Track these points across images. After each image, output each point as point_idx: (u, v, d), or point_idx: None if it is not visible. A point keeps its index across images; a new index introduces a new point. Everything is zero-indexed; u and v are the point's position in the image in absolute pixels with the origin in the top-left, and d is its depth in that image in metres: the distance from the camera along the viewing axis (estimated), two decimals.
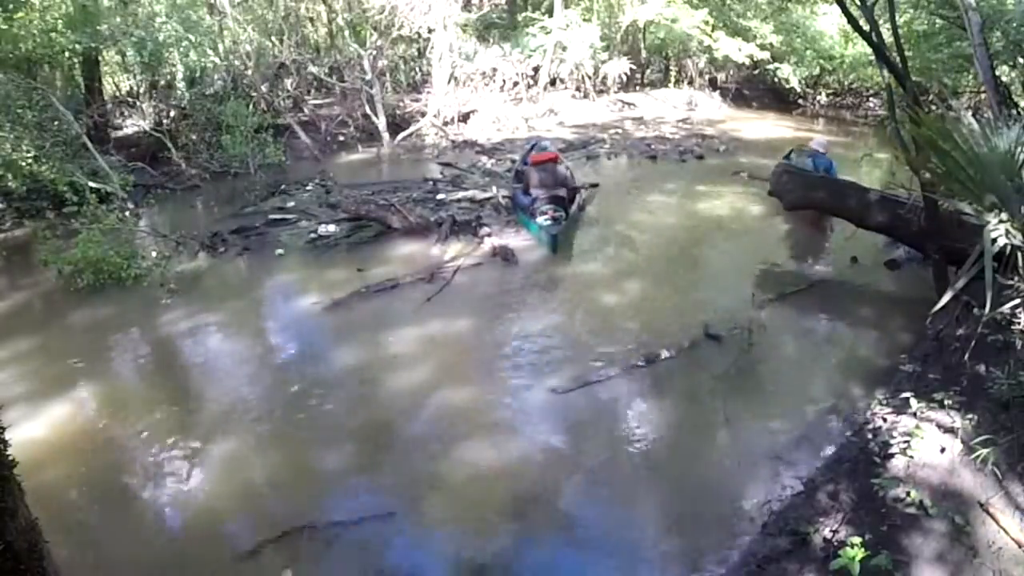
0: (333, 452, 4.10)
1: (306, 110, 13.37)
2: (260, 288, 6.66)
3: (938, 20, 10.62)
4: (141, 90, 11.67)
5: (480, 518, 3.54)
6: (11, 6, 8.13)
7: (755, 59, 16.12)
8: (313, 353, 5.29)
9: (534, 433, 4.25)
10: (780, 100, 17.81)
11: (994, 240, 3.62)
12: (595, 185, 9.61)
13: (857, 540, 2.79)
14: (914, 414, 3.72)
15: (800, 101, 17.95)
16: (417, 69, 16.01)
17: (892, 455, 3.45)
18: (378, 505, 3.65)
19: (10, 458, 1.80)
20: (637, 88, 18.08)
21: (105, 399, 4.71)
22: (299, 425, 4.34)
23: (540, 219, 7.32)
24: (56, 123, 9.08)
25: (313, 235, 7.78)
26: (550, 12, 15.44)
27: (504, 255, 7.02)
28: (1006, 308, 3.76)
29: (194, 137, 11.00)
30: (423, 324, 5.63)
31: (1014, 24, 8.30)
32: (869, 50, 7.34)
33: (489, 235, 7.53)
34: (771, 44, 16.25)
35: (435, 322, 5.66)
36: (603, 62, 16.44)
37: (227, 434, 4.25)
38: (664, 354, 5.02)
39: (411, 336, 5.44)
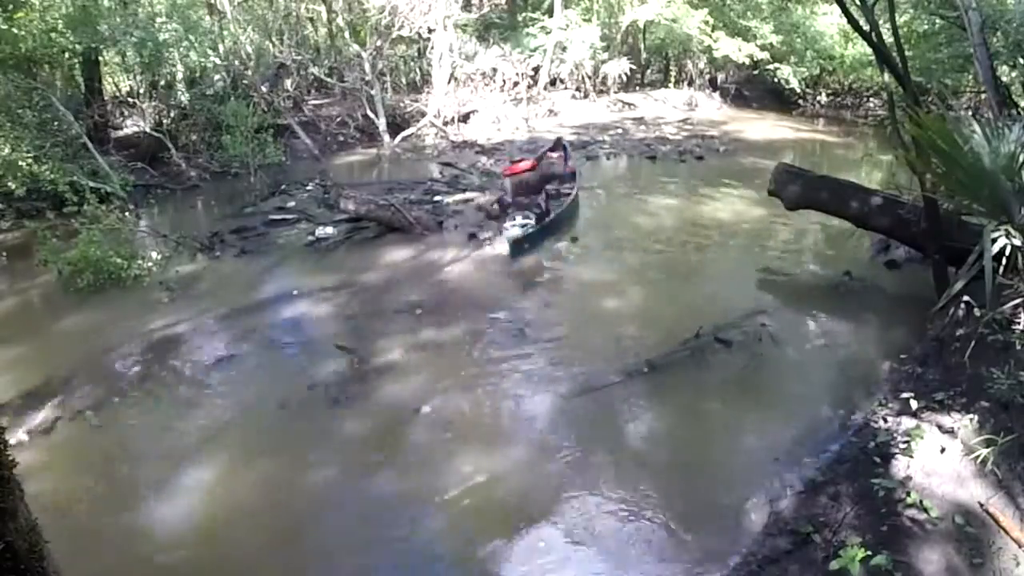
0: (331, 460, 4.06)
1: (306, 110, 13.37)
2: (259, 290, 6.63)
3: (938, 20, 10.62)
4: (141, 90, 11.65)
5: (481, 519, 3.54)
6: (11, 6, 8.12)
7: (755, 59, 16.14)
8: (311, 357, 5.26)
9: (535, 436, 4.25)
10: (780, 100, 17.81)
11: (994, 241, 3.62)
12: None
13: (857, 540, 2.79)
14: (914, 414, 3.73)
15: (800, 101, 17.95)
16: (417, 69, 16.01)
17: (892, 455, 3.46)
18: (378, 515, 3.64)
19: (10, 458, 1.80)
20: (637, 88, 18.09)
21: (103, 400, 4.70)
22: (296, 431, 4.33)
23: (506, 223, 7.43)
24: (56, 123, 9.08)
25: (311, 237, 7.78)
26: (550, 12, 15.45)
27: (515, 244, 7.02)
28: (1006, 308, 3.77)
29: (194, 137, 11.00)
30: (421, 329, 5.61)
31: (1014, 24, 8.30)
32: (869, 50, 7.34)
33: (488, 239, 7.54)
34: (771, 44, 16.26)
35: (433, 325, 5.65)
36: (603, 62, 16.46)
37: (222, 439, 4.23)
38: (662, 355, 5.02)
39: (409, 341, 5.42)
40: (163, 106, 11.50)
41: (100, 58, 10.94)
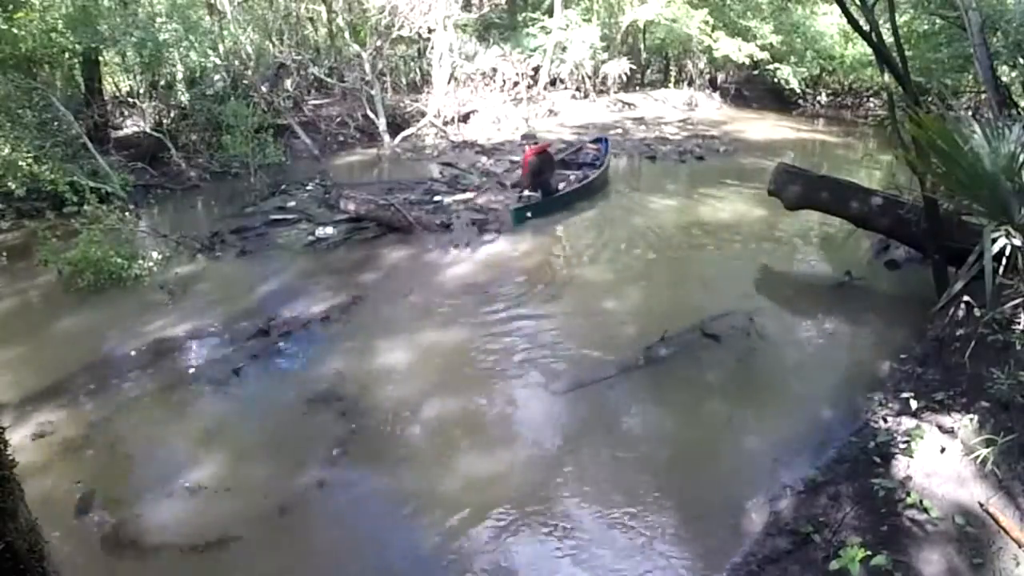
0: (329, 459, 4.04)
1: (306, 110, 13.37)
2: (258, 290, 6.61)
3: (938, 20, 10.61)
4: (141, 90, 11.64)
5: (476, 518, 3.53)
6: (11, 6, 8.12)
7: (755, 59, 16.13)
8: (310, 359, 5.24)
9: (533, 435, 4.25)
10: (780, 100, 17.80)
11: (994, 241, 3.62)
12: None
13: (857, 540, 2.79)
14: (914, 414, 3.72)
15: (800, 101, 17.94)
16: (417, 69, 16.01)
17: (892, 455, 3.46)
18: (375, 515, 3.64)
19: (10, 458, 1.80)
20: (637, 88, 18.08)
21: (102, 400, 4.70)
22: (293, 431, 4.33)
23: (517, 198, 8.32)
24: (56, 123, 9.08)
25: (311, 237, 7.77)
26: (550, 12, 15.45)
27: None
28: (1006, 308, 3.77)
29: (194, 137, 11.00)
30: (420, 330, 5.60)
31: (1014, 24, 8.30)
32: (869, 50, 7.34)
33: (495, 239, 7.55)
34: (771, 44, 16.25)
35: (432, 327, 5.65)
36: (603, 62, 16.45)
37: (220, 443, 4.22)
38: (663, 352, 5.02)
39: (409, 342, 5.41)
40: (163, 106, 11.49)
41: (100, 58, 10.94)
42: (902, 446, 3.48)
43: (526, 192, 8.41)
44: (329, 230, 7.90)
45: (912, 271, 6.43)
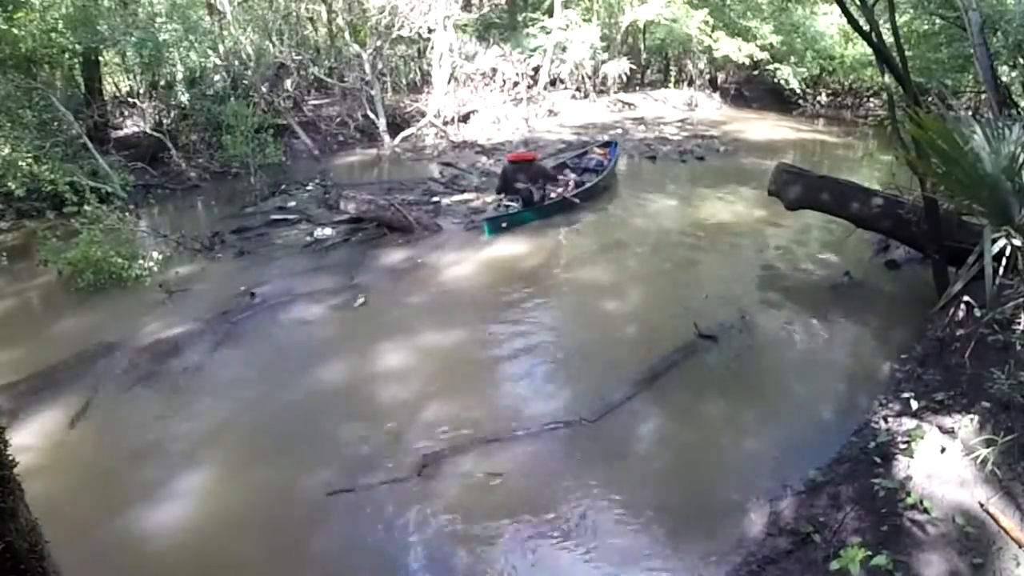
0: (330, 465, 4.02)
1: (306, 110, 13.38)
2: (257, 292, 6.61)
3: (938, 20, 10.63)
4: (141, 90, 11.64)
5: (479, 521, 3.53)
6: (11, 6, 8.12)
7: (755, 59, 16.14)
8: (309, 360, 5.21)
9: (532, 438, 4.24)
10: (780, 100, 17.81)
11: (994, 241, 3.62)
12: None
13: (857, 540, 2.79)
14: (915, 415, 3.72)
15: (800, 101, 17.95)
16: (417, 69, 16.01)
17: (892, 455, 3.45)
18: (377, 528, 3.63)
19: (10, 458, 1.80)
20: (637, 88, 18.09)
21: (102, 400, 4.70)
22: (292, 434, 4.31)
23: (495, 206, 8.26)
24: (56, 123, 9.09)
25: (310, 238, 7.77)
26: (550, 12, 15.46)
27: None
28: (1006, 308, 3.77)
29: (194, 137, 11.01)
30: (419, 333, 5.59)
31: (1014, 24, 8.32)
32: (869, 50, 7.34)
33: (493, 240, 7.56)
34: (771, 44, 16.26)
35: (432, 330, 5.64)
36: (603, 62, 16.46)
37: (218, 445, 4.20)
38: (661, 357, 5.02)
39: (408, 344, 5.40)
40: (163, 106, 11.48)
41: (100, 58, 10.95)
42: (902, 446, 3.48)
43: (504, 202, 8.24)
44: (328, 231, 7.89)
45: (912, 271, 6.43)
